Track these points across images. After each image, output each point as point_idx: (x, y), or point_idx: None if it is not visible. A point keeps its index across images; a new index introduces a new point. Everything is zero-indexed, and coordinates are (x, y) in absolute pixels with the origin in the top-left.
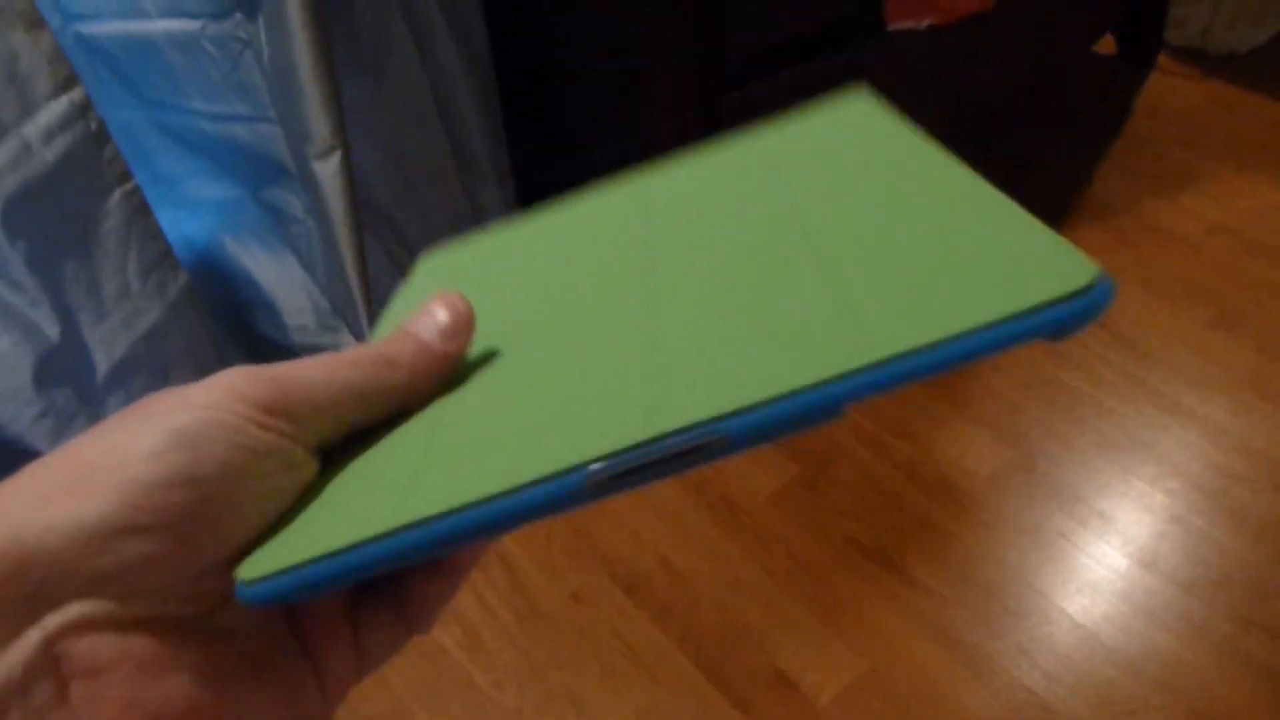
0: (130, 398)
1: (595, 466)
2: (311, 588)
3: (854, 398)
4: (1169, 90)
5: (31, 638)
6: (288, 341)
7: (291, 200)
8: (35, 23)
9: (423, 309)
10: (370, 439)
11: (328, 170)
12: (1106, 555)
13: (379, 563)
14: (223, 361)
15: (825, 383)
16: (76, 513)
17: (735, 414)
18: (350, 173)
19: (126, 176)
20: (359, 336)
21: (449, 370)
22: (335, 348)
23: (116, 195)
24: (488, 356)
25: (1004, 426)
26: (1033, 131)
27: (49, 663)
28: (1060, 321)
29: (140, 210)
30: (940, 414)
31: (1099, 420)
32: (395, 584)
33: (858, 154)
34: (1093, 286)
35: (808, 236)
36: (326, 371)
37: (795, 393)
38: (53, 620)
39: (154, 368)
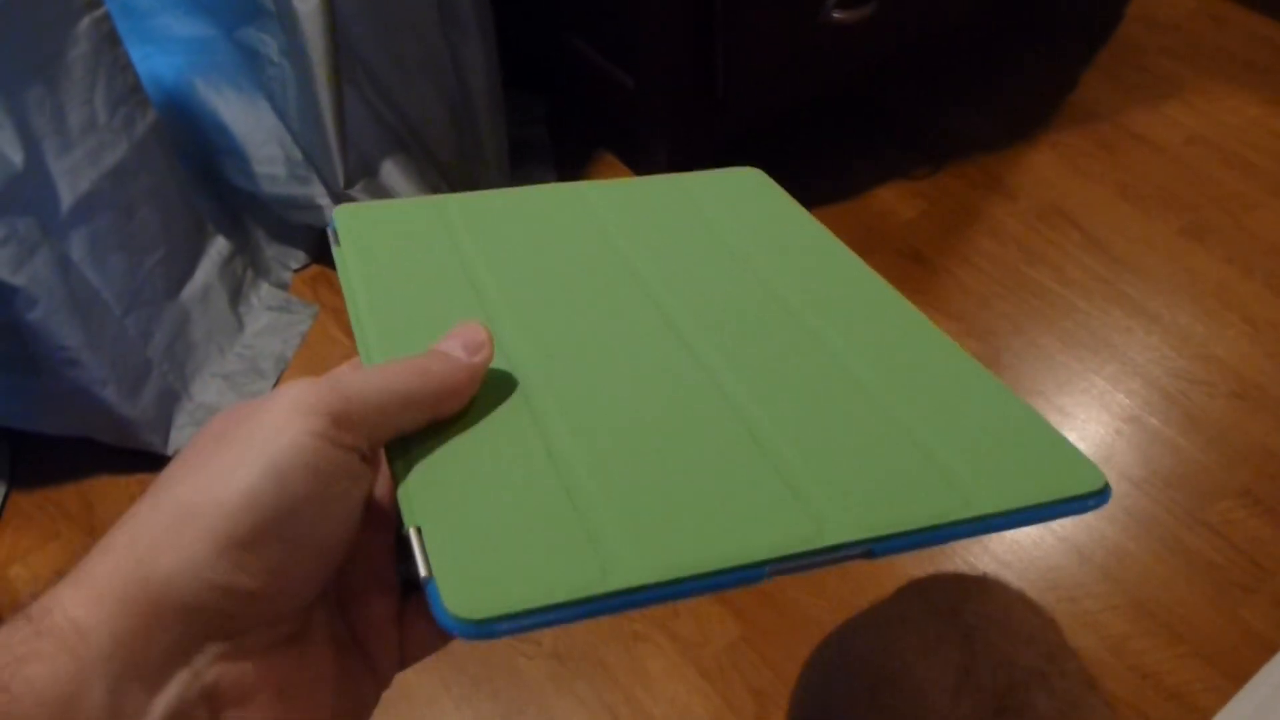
0: (95, 235)
1: (776, 565)
2: (523, 629)
3: (952, 540)
4: (1161, 0)
5: (183, 676)
6: (256, 190)
7: (267, 41)
8: None
9: (447, 335)
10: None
11: (308, 7)
12: None
13: (581, 617)
14: (189, 207)
15: (947, 526)
16: (191, 562)
17: (884, 539)
18: (331, 12)
19: (96, 3)
20: (332, 188)
21: (476, 384)
22: (306, 199)
23: (85, 22)
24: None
25: (973, 320)
26: (1019, 34)
27: (203, 696)
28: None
29: (109, 39)
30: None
31: (1066, 319)
32: None
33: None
34: None
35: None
36: (380, 380)
37: (924, 530)
38: (200, 660)
39: (119, 206)
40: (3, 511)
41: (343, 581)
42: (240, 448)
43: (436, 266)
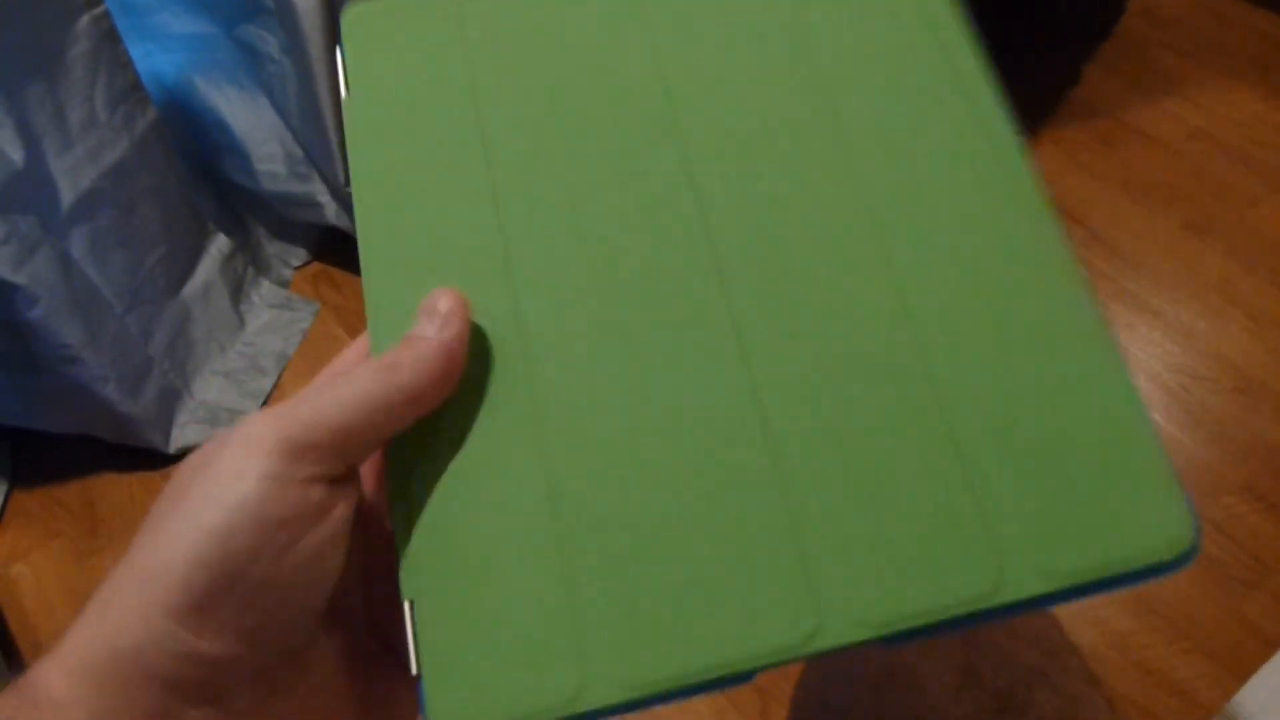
0: (96, 233)
1: (767, 669)
2: None
3: (985, 624)
4: None
5: None
6: (257, 188)
7: (267, 38)
8: None
9: (417, 314)
10: (434, 466)
11: (307, 4)
12: None
13: None
14: (189, 205)
15: (970, 616)
16: (151, 634)
17: (885, 637)
18: (332, 7)
19: (95, 1)
20: (332, 185)
21: (456, 361)
22: (306, 196)
23: (85, 19)
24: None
25: None
26: (1019, 29)
27: None
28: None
29: (109, 37)
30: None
31: None
32: None
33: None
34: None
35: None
36: (342, 395)
37: (945, 623)
38: None
39: (119, 204)
40: (4, 510)
41: (367, 580)
42: (192, 504)
43: (448, 120)
